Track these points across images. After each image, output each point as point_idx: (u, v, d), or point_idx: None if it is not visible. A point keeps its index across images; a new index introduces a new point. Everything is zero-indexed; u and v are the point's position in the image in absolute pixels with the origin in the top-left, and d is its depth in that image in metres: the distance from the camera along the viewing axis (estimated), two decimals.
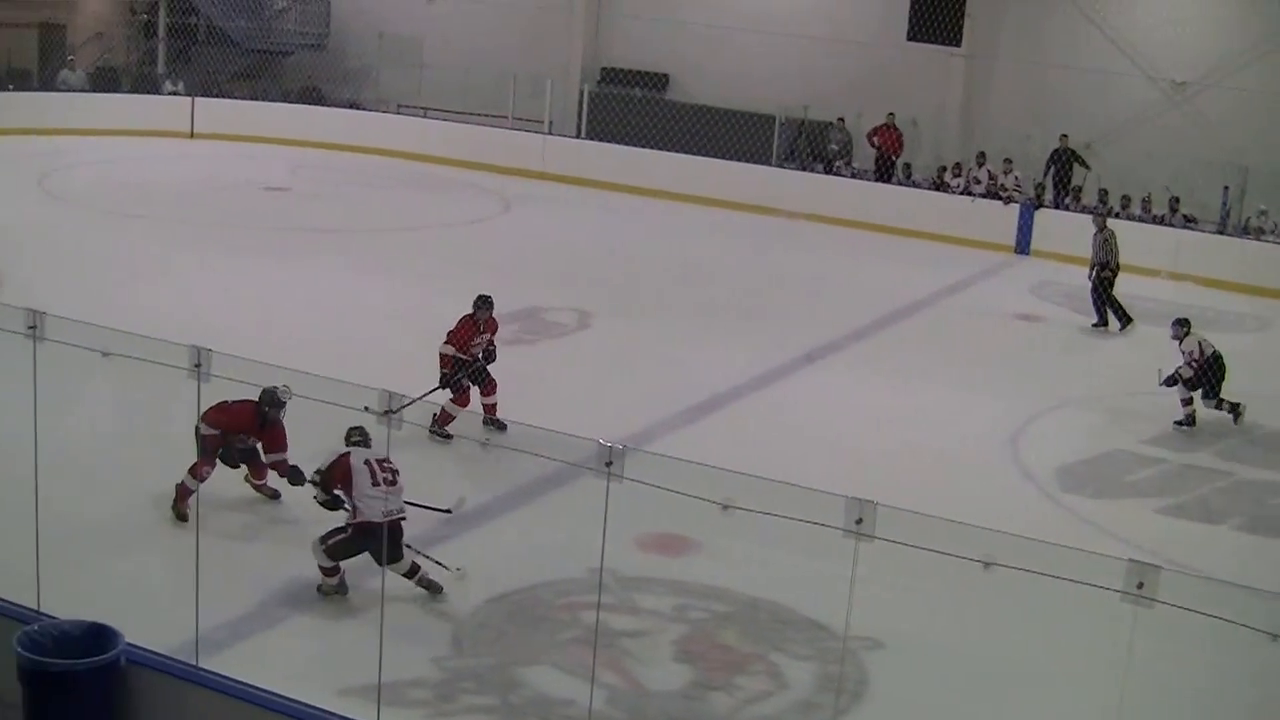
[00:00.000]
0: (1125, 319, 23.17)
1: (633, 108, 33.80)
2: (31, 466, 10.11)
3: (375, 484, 11.36)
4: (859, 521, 7.86)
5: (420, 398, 13.93)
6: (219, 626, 10.63)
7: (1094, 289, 23.30)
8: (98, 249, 23.59)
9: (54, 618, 9.40)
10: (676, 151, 32.10)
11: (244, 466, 13.13)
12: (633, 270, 24.87)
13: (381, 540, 11.08)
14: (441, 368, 15.55)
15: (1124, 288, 23.34)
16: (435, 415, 15.09)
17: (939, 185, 30.93)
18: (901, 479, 14.38)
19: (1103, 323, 23.26)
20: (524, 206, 29.86)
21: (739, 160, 31.47)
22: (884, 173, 31.76)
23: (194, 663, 9.35)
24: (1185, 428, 18.08)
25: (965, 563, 7.55)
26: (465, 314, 15.79)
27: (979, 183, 30.21)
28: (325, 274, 22.73)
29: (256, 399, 12.29)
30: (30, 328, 9.76)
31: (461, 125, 34.78)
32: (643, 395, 17.81)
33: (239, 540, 12.55)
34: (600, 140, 33.42)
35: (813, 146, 32.63)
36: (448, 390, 15.35)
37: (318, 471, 11.80)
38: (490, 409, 15.61)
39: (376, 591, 9.38)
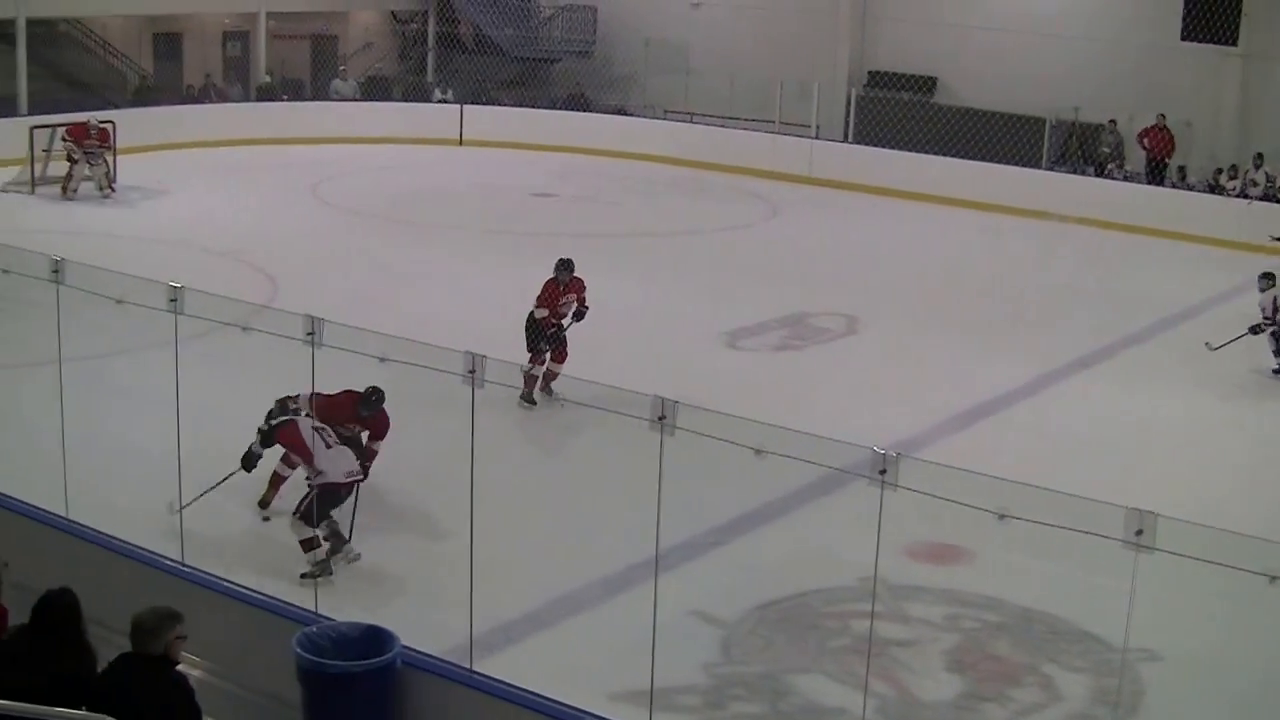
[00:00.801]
0: None
1: (900, 111, 33.59)
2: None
3: (329, 446, 12.07)
4: (1139, 533, 7.68)
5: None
6: (492, 630, 10.80)
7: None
8: (370, 255, 24.13)
9: (332, 620, 9.59)
10: (944, 155, 31.81)
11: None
12: (900, 275, 24.65)
13: (343, 498, 12.02)
14: (543, 329, 16.62)
15: None
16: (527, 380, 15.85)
17: (1214, 188, 30.14)
18: (1179, 491, 14.01)
19: None
20: (791, 211, 29.82)
21: (1008, 164, 31.02)
22: (1156, 175, 31.06)
23: (467, 666, 9.45)
24: None
25: (1250, 576, 7.32)
26: (549, 278, 16.90)
27: (1256, 185, 29.38)
28: (592, 279, 22.83)
29: (360, 391, 12.74)
30: (309, 334, 9.94)
31: (727, 130, 34.82)
32: (912, 401, 17.67)
33: (511, 543, 12.62)
34: (867, 144, 33.24)
35: (1084, 149, 32.09)
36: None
37: (267, 423, 12.62)
38: (552, 376, 16.39)
39: (644, 597, 9.43)
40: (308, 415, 12.42)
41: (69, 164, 27.28)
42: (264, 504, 13.26)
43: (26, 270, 11.92)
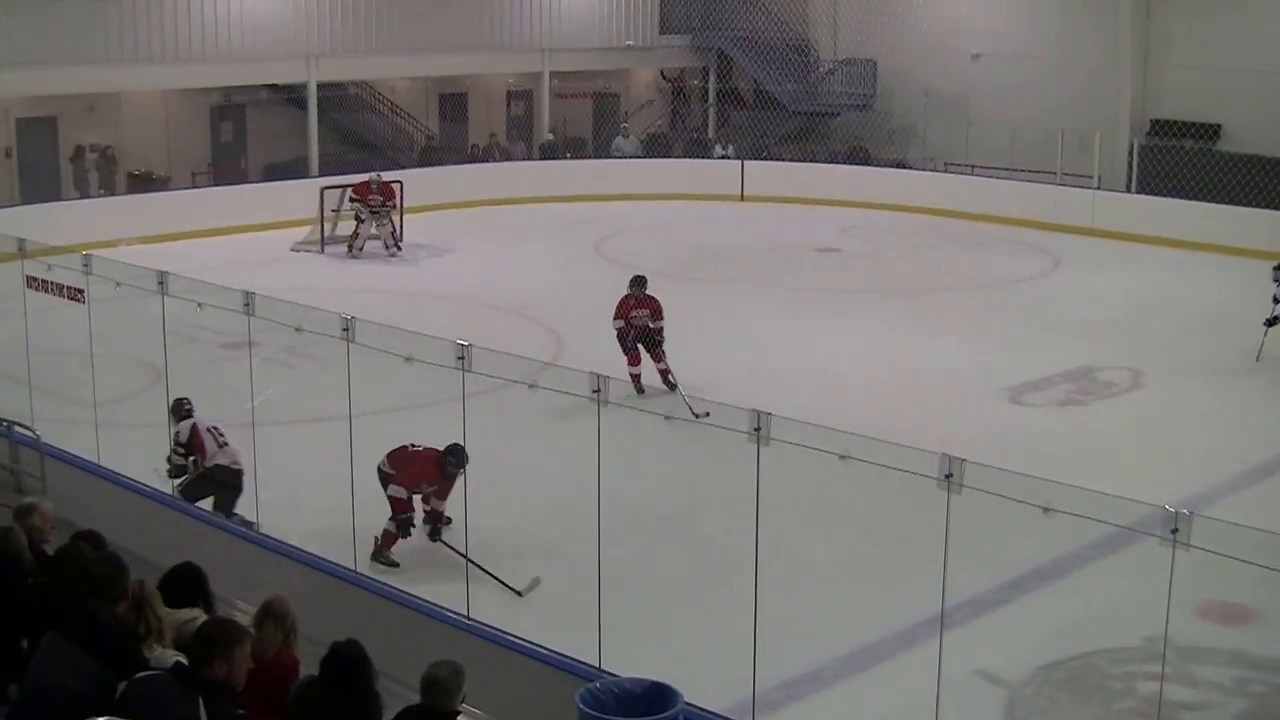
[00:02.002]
0: None
1: (1184, 159, 32.89)
2: (591, 523, 10.43)
3: (220, 446, 13.84)
4: None
5: None
6: (775, 687, 10.88)
7: None
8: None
9: (615, 675, 9.57)
10: (1229, 204, 31.06)
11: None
12: (1186, 326, 24.12)
13: (233, 487, 13.69)
14: (619, 339, 18.96)
15: None
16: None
17: None
18: None
19: None
20: (1073, 263, 29.37)
21: None
22: None
23: None
24: None
25: None
26: (623, 295, 19.38)
27: None
28: (879, 334, 22.96)
29: (441, 450, 13.13)
30: (594, 391, 10.09)
31: (1009, 182, 34.44)
32: (1201, 456, 17.33)
33: (795, 598, 12.52)
34: (1150, 194, 32.62)
35: None
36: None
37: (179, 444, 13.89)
38: (663, 373, 18.80)
39: (928, 655, 9.43)
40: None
41: (356, 223, 28.25)
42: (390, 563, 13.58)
43: (318, 328, 12.33)
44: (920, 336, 22.91)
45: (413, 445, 13.57)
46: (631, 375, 18.39)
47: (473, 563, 12.47)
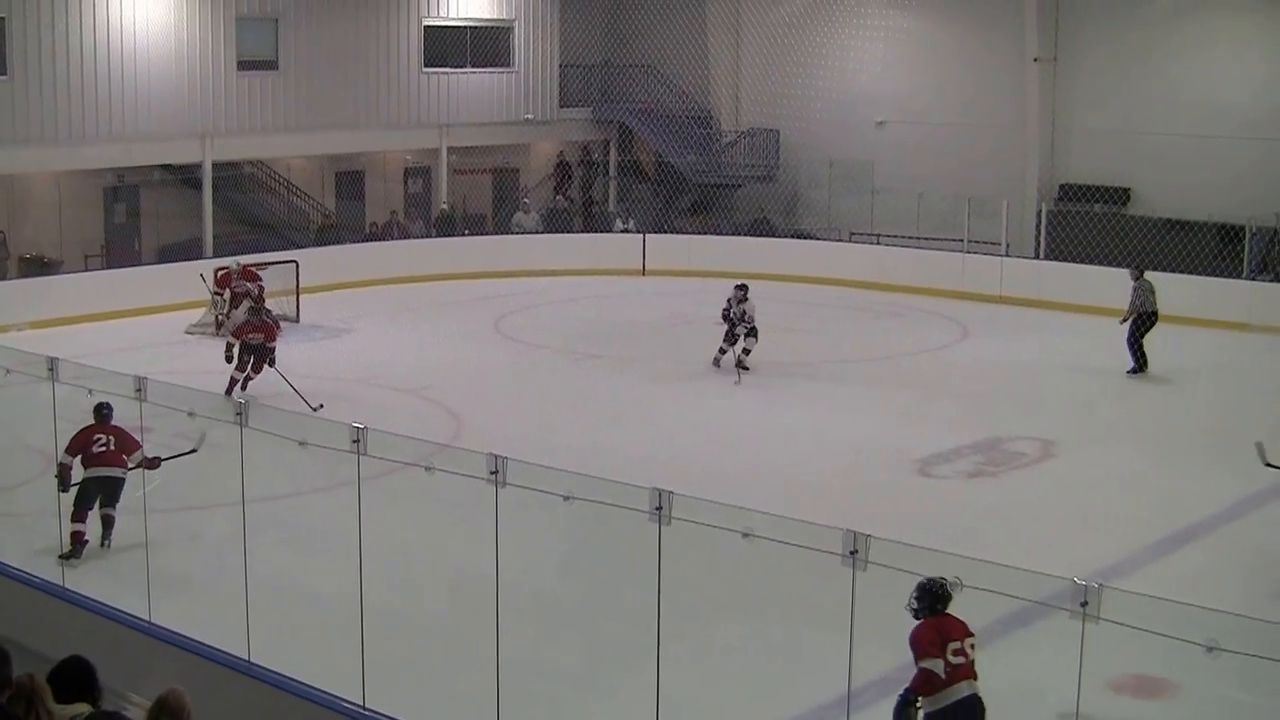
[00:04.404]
0: (1142, 365, 24.92)
1: (1093, 224, 33.01)
2: (491, 607, 10.28)
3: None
4: None
5: None
6: None
7: (1129, 335, 25.06)
8: (555, 389, 24.15)
9: None
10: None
11: None
12: (1097, 395, 23.99)
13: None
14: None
15: None
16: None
17: None
18: None
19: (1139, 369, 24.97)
20: (982, 332, 29.29)
21: (1207, 275, 30.18)
22: None
23: None
24: None
25: None
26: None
27: None
28: (782, 408, 22.74)
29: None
30: (492, 473, 9.95)
31: (915, 250, 34.45)
32: (1113, 527, 17.10)
33: (701, 680, 12.28)
34: (1060, 260, 32.61)
35: None
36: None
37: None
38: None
39: None
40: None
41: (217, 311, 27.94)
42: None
43: (212, 413, 12.39)
44: (825, 410, 22.77)
45: None
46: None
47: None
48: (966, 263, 33.08)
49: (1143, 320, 25.18)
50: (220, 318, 27.71)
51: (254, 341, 22.43)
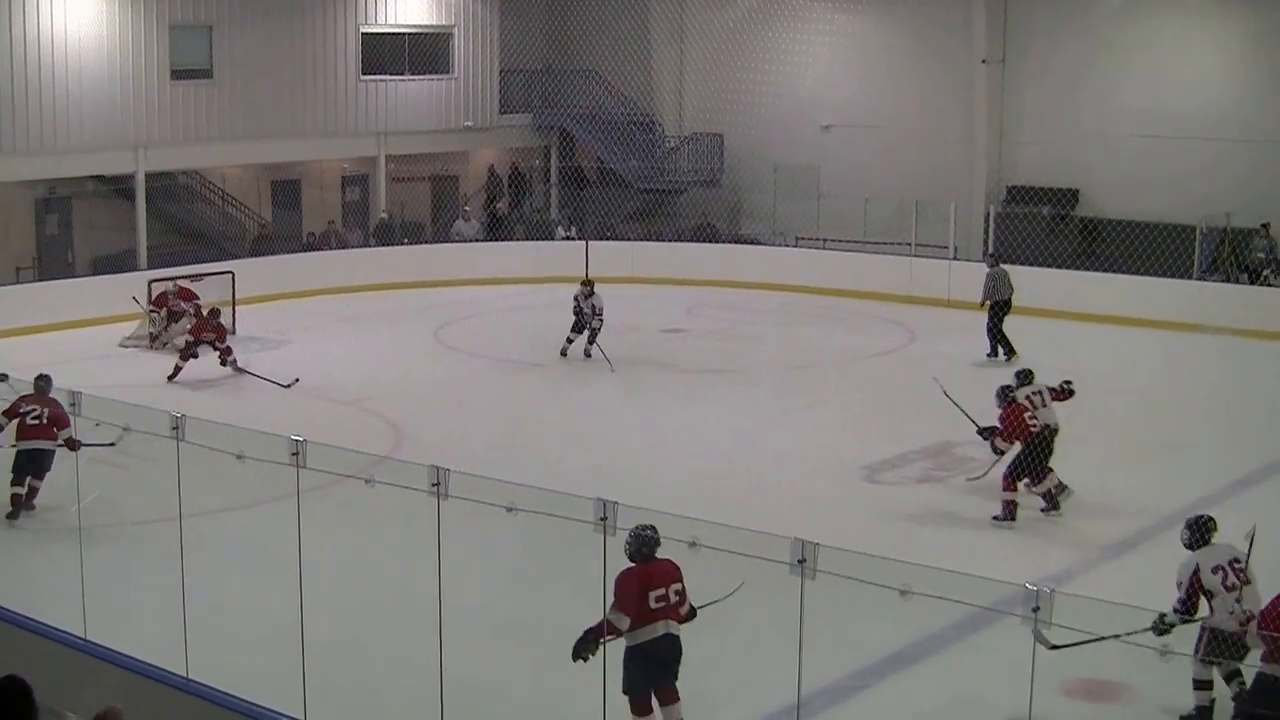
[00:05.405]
0: (1010, 351, 26.41)
1: (1041, 226, 32.96)
2: (434, 621, 10.21)
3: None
4: None
5: None
6: None
7: (988, 323, 26.93)
8: (496, 399, 23.98)
9: None
10: (1089, 270, 31.29)
11: None
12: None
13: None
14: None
15: None
16: None
17: None
18: None
19: (994, 354, 26.71)
20: (930, 336, 29.12)
21: (1157, 275, 30.06)
22: None
23: None
24: None
25: None
26: None
27: None
28: (728, 415, 22.52)
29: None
30: (433, 485, 9.96)
31: (862, 255, 34.23)
32: (1066, 533, 17.01)
33: None
34: (1008, 263, 32.36)
35: (1236, 256, 31.05)
36: None
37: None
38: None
39: None
40: None
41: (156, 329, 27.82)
42: None
43: (147, 426, 12.20)
44: (771, 416, 22.61)
45: None
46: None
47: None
48: (914, 267, 32.93)
49: (999, 308, 26.99)
50: (156, 332, 27.35)
51: (207, 339, 23.92)
